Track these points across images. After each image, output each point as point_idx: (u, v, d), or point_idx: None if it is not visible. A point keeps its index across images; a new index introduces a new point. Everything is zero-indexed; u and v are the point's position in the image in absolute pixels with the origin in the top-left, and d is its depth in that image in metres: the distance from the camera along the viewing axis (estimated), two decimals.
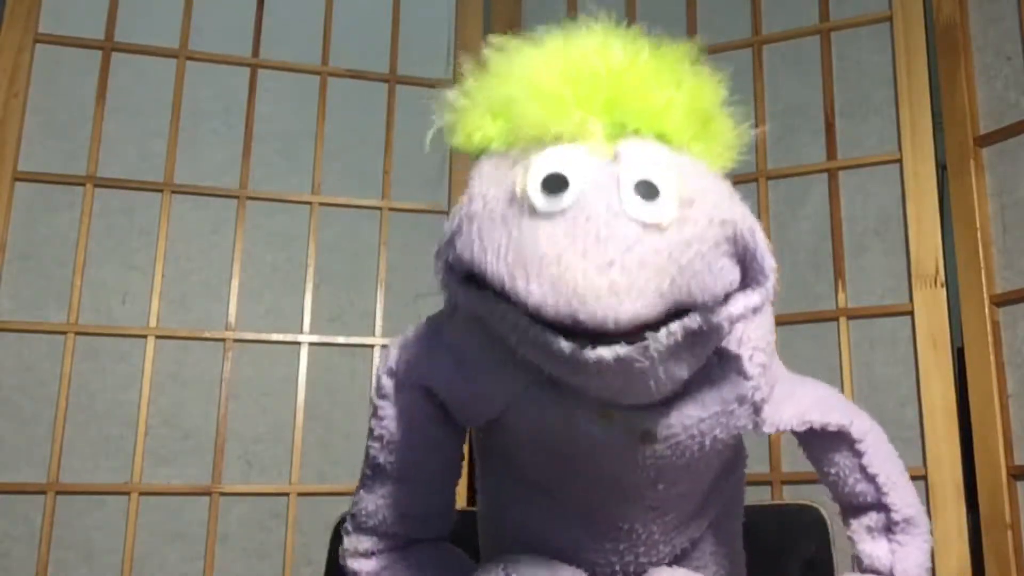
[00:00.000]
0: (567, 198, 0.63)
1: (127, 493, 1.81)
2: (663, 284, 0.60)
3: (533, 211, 0.63)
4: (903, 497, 0.88)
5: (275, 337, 1.95)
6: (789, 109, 2.02)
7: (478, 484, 0.94)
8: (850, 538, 0.91)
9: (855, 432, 0.87)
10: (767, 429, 0.83)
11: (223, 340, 1.92)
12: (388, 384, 0.85)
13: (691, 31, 2.12)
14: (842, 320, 1.86)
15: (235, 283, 1.95)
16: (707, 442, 0.78)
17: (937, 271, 1.80)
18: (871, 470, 0.87)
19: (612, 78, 0.69)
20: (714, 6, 2.13)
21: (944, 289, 1.79)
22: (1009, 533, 1.65)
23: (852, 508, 0.91)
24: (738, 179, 1.97)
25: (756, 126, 0.78)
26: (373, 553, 0.87)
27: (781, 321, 1.90)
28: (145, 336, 1.88)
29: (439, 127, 0.74)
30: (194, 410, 1.88)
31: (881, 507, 0.88)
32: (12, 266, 1.84)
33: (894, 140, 1.90)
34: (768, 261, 0.66)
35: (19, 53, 1.91)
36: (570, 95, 0.68)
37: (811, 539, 1.25)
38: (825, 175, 1.95)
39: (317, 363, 1.96)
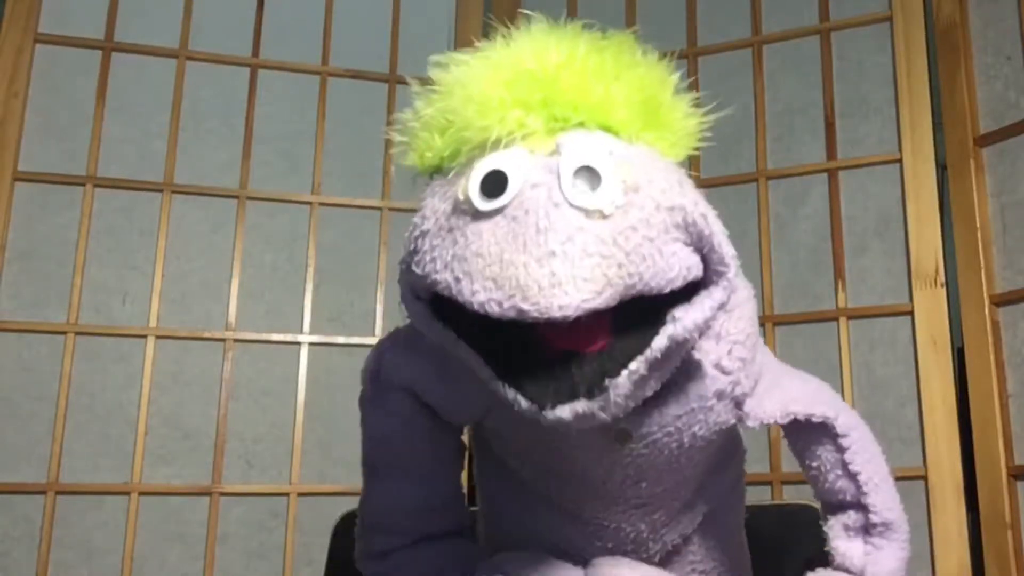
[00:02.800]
0: (507, 195, 0.62)
1: (127, 493, 1.81)
2: (609, 270, 0.59)
3: (476, 214, 0.63)
4: (884, 500, 0.85)
5: (275, 337, 1.95)
6: (789, 109, 2.02)
7: (476, 482, 0.94)
8: (826, 533, 0.88)
9: (840, 427, 0.84)
10: (751, 423, 0.82)
11: (223, 340, 1.92)
12: (372, 388, 0.86)
13: (691, 31, 2.12)
14: (842, 320, 1.86)
15: (235, 283, 1.95)
16: (685, 439, 0.78)
17: (937, 271, 1.80)
18: (853, 467, 0.84)
19: (548, 76, 0.68)
20: (714, 6, 2.13)
21: (944, 289, 1.79)
22: (1009, 533, 1.64)
23: (831, 505, 0.88)
24: (738, 179, 1.99)
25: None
26: (386, 553, 0.86)
27: (781, 321, 1.90)
28: (145, 336, 1.88)
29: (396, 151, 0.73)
30: (194, 410, 1.88)
31: (860, 507, 0.85)
32: (12, 266, 1.84)
33: (894, 140, 1.90)
34: (726, 248, 0.65)
35: (19, 53, 1.91)
36: (508, 97, 0.67)
37: (811, 539, 1.24)
38: (825, 175, 1.95)
39: (317, 363, 1.95)
